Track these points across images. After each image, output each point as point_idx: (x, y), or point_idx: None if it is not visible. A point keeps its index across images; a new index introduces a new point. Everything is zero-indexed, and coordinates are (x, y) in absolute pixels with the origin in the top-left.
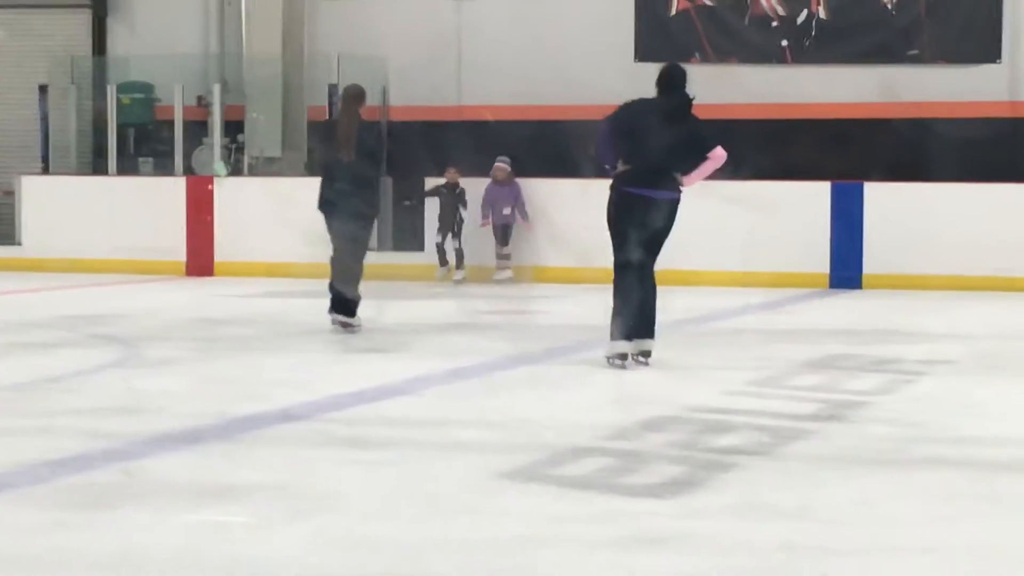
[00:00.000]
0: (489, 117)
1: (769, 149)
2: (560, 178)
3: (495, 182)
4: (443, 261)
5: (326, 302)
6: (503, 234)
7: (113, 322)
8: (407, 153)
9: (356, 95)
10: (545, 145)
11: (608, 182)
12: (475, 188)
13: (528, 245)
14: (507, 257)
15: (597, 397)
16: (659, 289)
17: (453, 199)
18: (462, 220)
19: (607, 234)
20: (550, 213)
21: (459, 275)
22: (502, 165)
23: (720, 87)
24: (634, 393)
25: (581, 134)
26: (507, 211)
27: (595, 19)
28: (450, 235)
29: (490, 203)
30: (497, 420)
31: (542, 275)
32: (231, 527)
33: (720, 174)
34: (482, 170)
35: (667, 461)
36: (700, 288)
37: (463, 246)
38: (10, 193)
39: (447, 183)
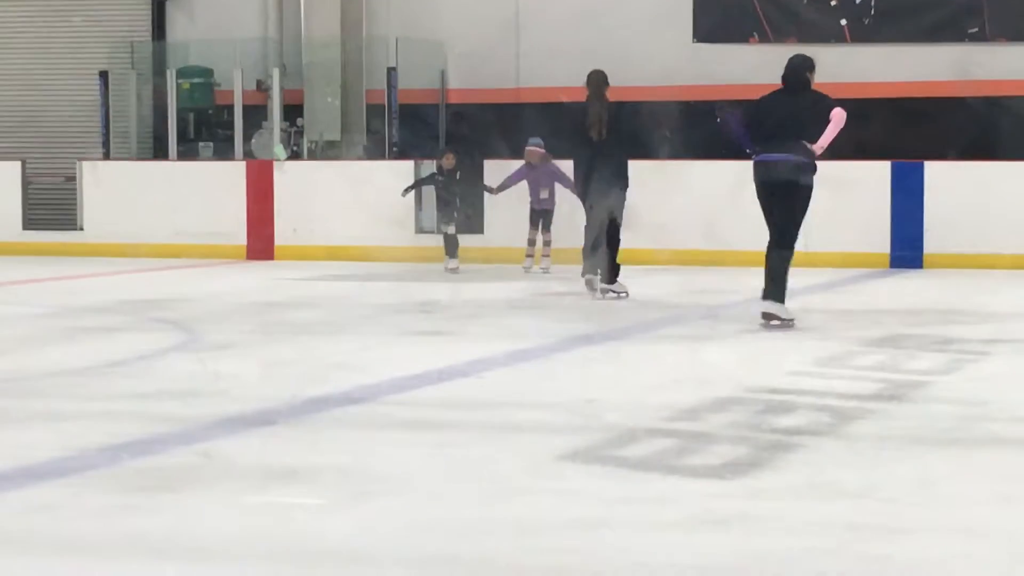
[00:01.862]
0: (564, 99)
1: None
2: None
3: (529, 166)
4: (452, 251)
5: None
6: (543, 220)
7: (174, 306)
8: (465, 136)
9: (604, 79)
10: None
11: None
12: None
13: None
14: (548, 244)
15: (660, 378)
16: (725, 270)
17: (451, 185)
18: (459, 207)
19: (675, 214)
20: None
21: (452, 264)
22: (534, 148)
23: (779, 67)
24: (697, 373)
25: (640, 115)
26: (545, 195)
27: (653, 0)
28: (453, 224)
29: (530, 189)
30: (559, 401)
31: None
32: (295, 509)
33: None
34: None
35: (730, 442)
36: (759, 269)
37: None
38: (71, 179)
39: (443, 169)
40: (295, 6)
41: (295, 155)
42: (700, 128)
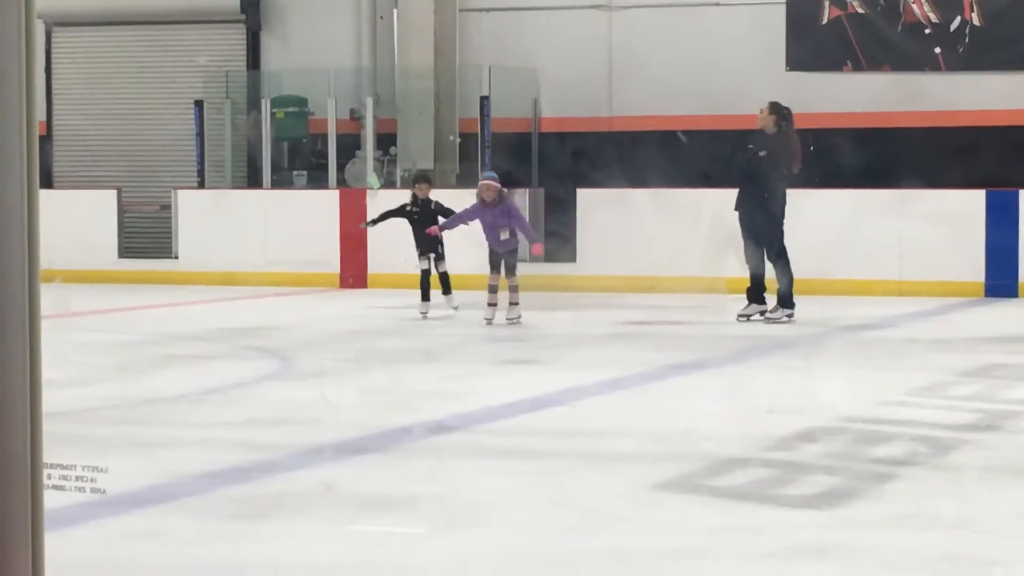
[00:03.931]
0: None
1: (923, 157)
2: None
3: (482, 203)
4: (425, 295)
5: (481, 312)
6: (506, 263)
7: (268, 335)
8: (558, 165)
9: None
10: (694, 155)
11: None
12: (615, 201)
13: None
14: (515, 290)
15: (753, 407)
16: (815, 299)
17: (426, 217)
18: (443, 243)
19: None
20: (708, 222)
21: (453, 301)
22: (489, 182)
23: (872, 95)
24: (789, 403)
25: (733, 144)
26: (505, 235)
27: (746, 29)
28: (433, 259)
29: (485, 230)
30: (652, 430)
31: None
32: (390, 538)
33: (872, 183)
34: (633, 181)
35: (824, 471)
36: (855, 297)
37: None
38: (167, 207)
39: (417, 199)
40: (389, 35)
41: (388, 184)
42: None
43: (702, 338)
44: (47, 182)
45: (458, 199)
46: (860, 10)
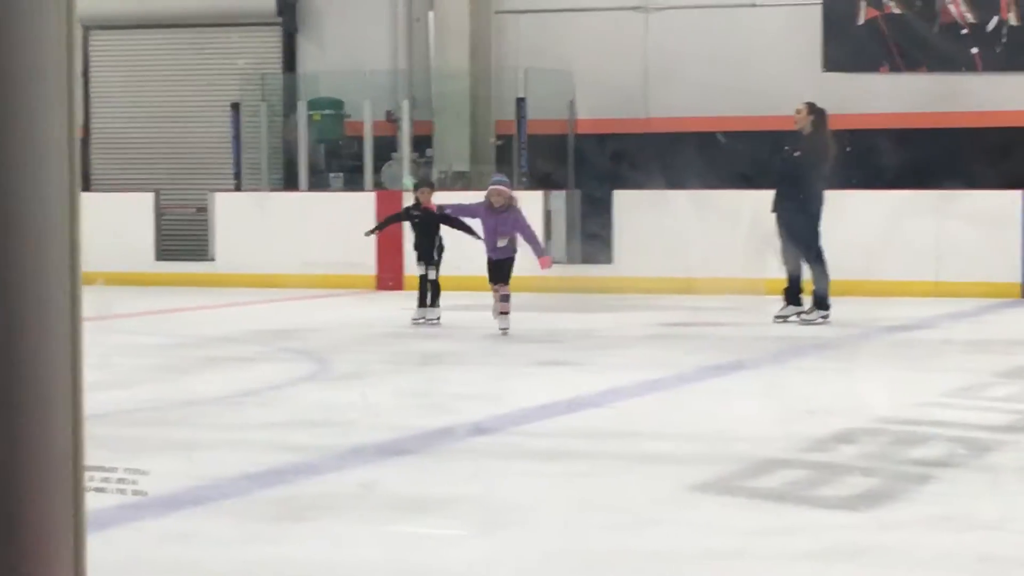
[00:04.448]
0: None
1: (959, 158)
2: (746, 190)
3: (488, 207)
4: (423, 300)
5: (535, 315)
6: (497, 271)
7: (305, 336)
8: (594, 166)
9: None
10: (731, 156)
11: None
12: (652, 202)
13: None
14: (506, 299)
15: (789, 408)
16: (853, 300)
17: (428, 222)
18: (442, 248)
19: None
20: (746, 223)
21: (433, 314)
22: (500, 188)
23: (909, 96)
24: (826, 404)
25: (769, 145)
26: (503, 243)
27: (782, 29)
28: (426, 265)
29: (485, 234)
30: (689, 432)
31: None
32: (426, 539)
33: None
34: (670, 182)
35: (861, 473)
36: (891, 299)
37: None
38: (203, 210)
39: (420, 204)
40: (424, 37)
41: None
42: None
43: (739, 339)
44: (85, 185)
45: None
46: (896, 11)
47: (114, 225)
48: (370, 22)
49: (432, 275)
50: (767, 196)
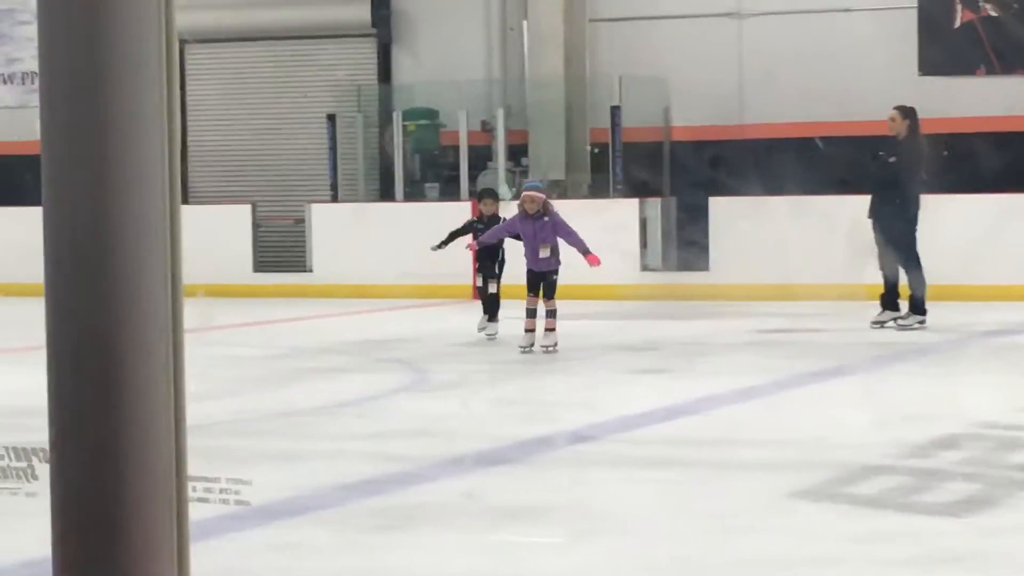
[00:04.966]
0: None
1: None
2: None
3: (524, 215)
4: (492, 313)
5: (632, 322)
6: (545, 285)
7: (402, 346)
8: (689, 173)
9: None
10: (828, 161)
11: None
12: (748, 208)
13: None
14: (552, 315)
15: (888, 414)
16: (952, 304)
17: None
18: (503, 261)
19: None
20: (843, 228)
21: (492, 329)
22: (533, 193)
23: (1006, 99)
24: (925, 409)
25: (864, 150)
26: (546, 253)
27: (877, 33)
28: (486, 278)
29: (525, 245)
30: (787, 438)
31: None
32: (525, 548)
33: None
34: (766, 188)
35: (962, 479)
36: (989, 303)
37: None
38: (300, 221)
39: (484, 216)
40: (519, 47)
41: (520, 195)
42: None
43: (837, 345)
44: (183, 197)
45: (582, 210)
46: (993, 13)
47: (212, 237)
48: (464, 32)
49: (492, 288)
50: (864, 201)
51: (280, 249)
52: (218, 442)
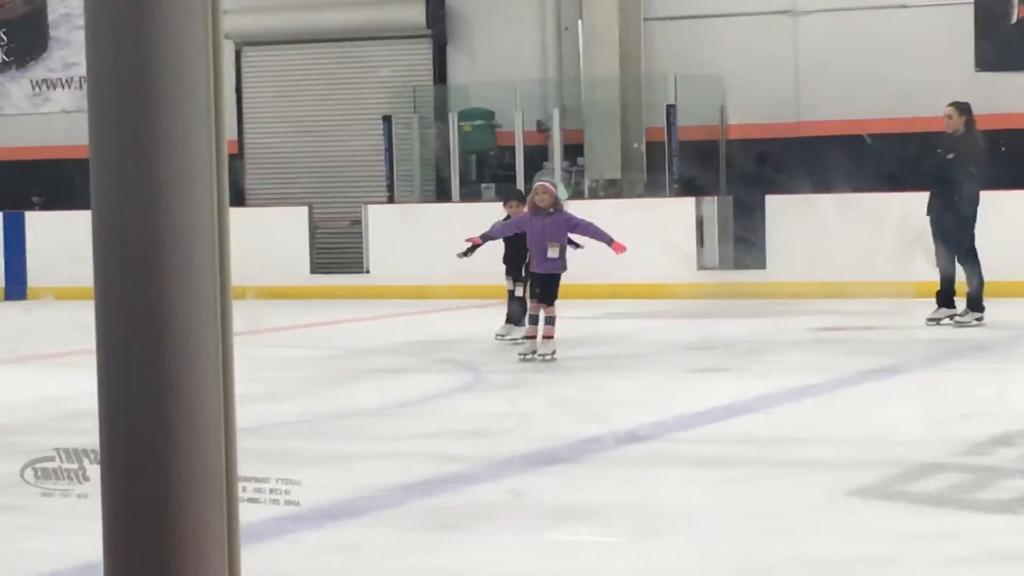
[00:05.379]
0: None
1: None
2: (902, 192)
3: (534, 212)
4: (510, 316)
5: (689, 321)
6: (544, 288)
7: (460, 347)
8: (746, 172)
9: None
10: (883, 158)
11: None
12: (804, 206)
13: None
14: (551, 322)
15: (947, 411)
16: (1009, 301)
17: (518, 236)
18: (529, 264)
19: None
20: (897, 225)
21: (518, 333)
22: (547, 184)
23: None
24: (983, 407)
25: (921, 146)
26: (553, 253)
27: (933, 30)
28: (521, 284)
29: (532, 243)
30: (845, 436)
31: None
32: (584, 547)
33: None
34: (822, 186)
35: (1020, 476)
36: None
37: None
38: (357, 222)
39: (510, 219)
40: (574, 46)
41: (576, 194)
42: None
43: (893, 343)
44: (239, 200)
45: (638, 209)
46: None
47: (269, 239)
48: (519, 32)
49: (519, 292)
50: (916, 197)
51: (336, 250)
52: (275, 443)
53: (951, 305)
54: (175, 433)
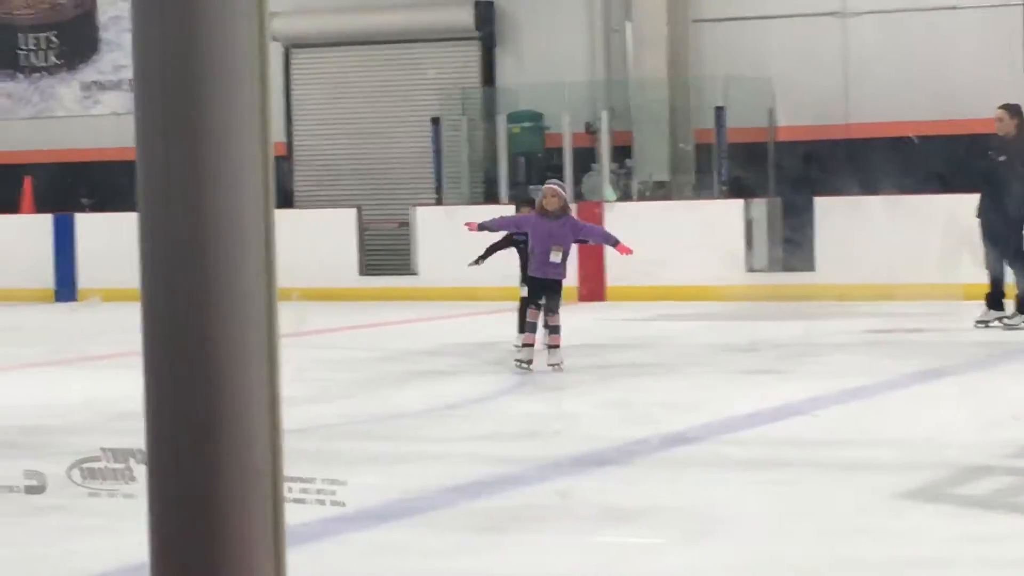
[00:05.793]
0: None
1: None
2: (945, 193)
3: (542, 213)
4: (523, 326)
5: (738, 323)
6: (548, 297)
7: (508, 349)
8: (794, 173)
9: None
10: (931, 160)
11: None
12: (853, 208)
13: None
14: (556, 331)
15: (995, 414)
16: None
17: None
18: None
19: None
20: (945, 227)
21: (518, 341)
22: (555, 187)
23: None
24: None
25: (970, 148)
26: (556, 258)
27: (982, 31)
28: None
29: (535, 245)
30: (895, 439)
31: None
32: (632, 548)
33: None
34: (870, 188)
35: None
36: None
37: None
38: (406, 224)
39: None
40: (622, 48)
41: (625, 196)
42: None
43: (942, 345)
44: (288, 202)
45: (687, 210)
46: None
47: (318, 241)
48: (568, 34)
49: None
50: (964, 199)
51: (385, 252)
52: (325, 444)
53: (1000, 307)
54: (221, 433)
